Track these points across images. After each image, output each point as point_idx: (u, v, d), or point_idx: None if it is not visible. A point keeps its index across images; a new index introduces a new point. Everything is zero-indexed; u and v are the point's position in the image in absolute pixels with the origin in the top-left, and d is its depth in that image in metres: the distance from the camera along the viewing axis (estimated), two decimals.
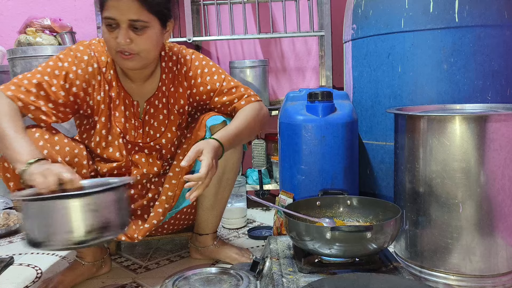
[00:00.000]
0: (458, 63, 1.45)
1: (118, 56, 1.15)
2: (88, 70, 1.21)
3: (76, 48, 1.22)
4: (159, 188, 1.34)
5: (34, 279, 1.37)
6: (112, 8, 1.09)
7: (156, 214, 1.29)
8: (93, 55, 1.22)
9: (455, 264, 1.16)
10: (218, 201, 1.38)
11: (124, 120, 1.26)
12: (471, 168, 1.12)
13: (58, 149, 1.15)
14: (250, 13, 2.23)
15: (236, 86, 1.31)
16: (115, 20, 1.10)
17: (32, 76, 1.15)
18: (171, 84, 1.29)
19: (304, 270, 1.04)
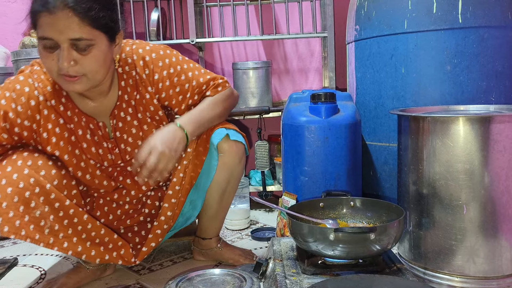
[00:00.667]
0: (461, 64, 1.44)
1: (61, 79, 1.01)
2: (30, 104, 1.07)
3: (15, 80, 1.08)
4: (156, 203, 1.31)
5: (38, 280, 1.37)
6: (48, 26, 0.94)
7: (155, 236, 1.25)
8: (36, 86, 1.08)
9: (459, 266, 1.15)
10: (222, 208, 1.37)
11: (95, 148, 1.17)
12: (475, 170, 1.11)
13: (44, 174, 1.07)
14: (253, 15, 2.23)
15: (206, 83, 1.22)
16: (53, 41, 0.95)
17: None
18: (135, 91, 1.16)
19: (307, 271, 1.04)
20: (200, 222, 1.41)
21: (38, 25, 0.96)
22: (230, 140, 1.25)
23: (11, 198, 1.01)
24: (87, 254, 1.15)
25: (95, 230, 1.18)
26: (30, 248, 1.68)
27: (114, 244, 1.22)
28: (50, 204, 1.07)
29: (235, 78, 2.04)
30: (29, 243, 1.74)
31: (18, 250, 1.66)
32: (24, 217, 1.03)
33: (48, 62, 0.99)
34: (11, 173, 1.03)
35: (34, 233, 1.05)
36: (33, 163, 1.06)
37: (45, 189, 1.06)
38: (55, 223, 1.09)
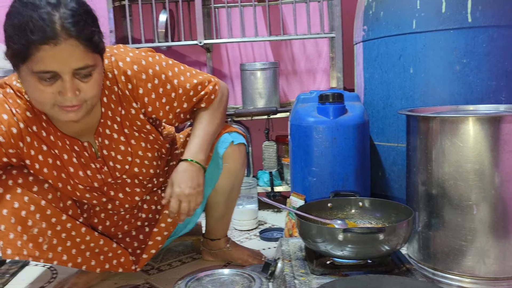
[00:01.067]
0: (471, 64, 1.43)
1: (57, 110, 0.93)
2: (12, 132, 0.99)
3: None
4: (152, 207, 1.31)
5: (49, 279, 1.39)
6: (50, 59, 0.85)
7: (155, 243, 1.25)
8: (14, 112, 0.99)
9: (469, 267, 1.15)
10: (228, 210, 1.38)
11: (83, 171, 1.12)
12: (485, 170, 1.11)
13: (37, 190, 1.06)
14: (260, 16, 2.24)
15: (193, 88, 1.14)
16: (54, 73, 0.87)
17: None
18: (119, 106, 1.08)
19: (316, 271, 1.04)
20: (207, 224, 1.41)
21: (35, 58, 0.85)
22: (234, 146, 1.25)
23: (8, 219, 1.01)
24: (87, 265, 1.16)
25: (94, 241, 1.18)
26: None
27: (114, 253, 1.22)
28: (46, 220, 1.07)
29: (243, 79, 2.05)
30: None
31: None
32: (23, 237, 1.03)
33: (44, 96, 0.90)
34: (4, 194, 1.02)
35: (34, 250, 1.05)
36: (24, 180, 1.04)
37: (40, 206, 1.06)
38: (53, 238, 1.09)
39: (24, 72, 0.89)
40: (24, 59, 0.86)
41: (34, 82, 0.89)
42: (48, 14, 0.85)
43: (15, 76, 1.02)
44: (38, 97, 0.91)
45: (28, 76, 0.89)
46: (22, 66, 0.88)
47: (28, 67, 0.87)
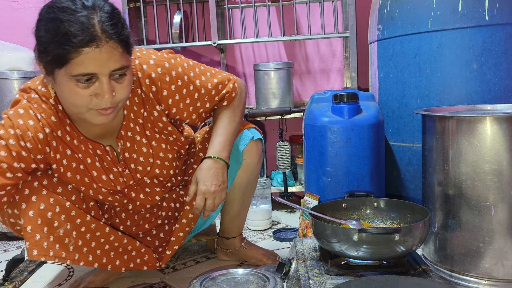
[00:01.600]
0: (488, 62, 1.41)
1: (92, 113, 0.95)
2: (38, 138, 1.00)
3: (15, 115, 0.99)
4: (171, 205, 1.32)
5: (66, 277, 1.41)
6: (90, 61, 0.87)
7: (177, 239, 1.27)
8: (39, 118, 1.00)
9: (487, 269, 1.13)
10: (243, 207, 1.39)
11: (106, 175, 1.14)
12: (503, 170, 1.09)
13: (61, 191, 1.07)
14: (274, 16, 2.24)
15: (215, 88, 1.17)
16: (92, 75, 0.89)
17: None
18: (142, 109, 1.10)
19: (331, 272, 1.04)
20: (222, 223, 1.42)
21: (75, 62, 0.86)
22: (253, 142, 1.28)
23: (35, 221, 1.02)
24: (112, 265, 1.18)
25: (118, 241, 1.19)
26: None
27: (137, 252, 1.23)
28: (71, 221, 1.08)
29: (257, 79, 2.05)
30: None
31: None
32: (49, 238, 1.04)
33: (80, 99, 0.92)
34: (30, 196, 1.03)
35: (61, 251, 1.06)
36: (48, 182, 1.05)
37: (65, 207, 1.06)
38: (78, 239, 1.10)
39: (60, 77, 0.90)
40: (63, 63, 0.87)
41: (71, 85, 0.90)
42: (87, 18, 0.86)
43: (39, 80, 1.04)
44: (74, 100, 0.92)
45: (64, 80, 0.90)
46: (59, 70, 0.89)
47: (66, 71, 0.88)
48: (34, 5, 2.34)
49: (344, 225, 1.15)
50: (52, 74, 0.92)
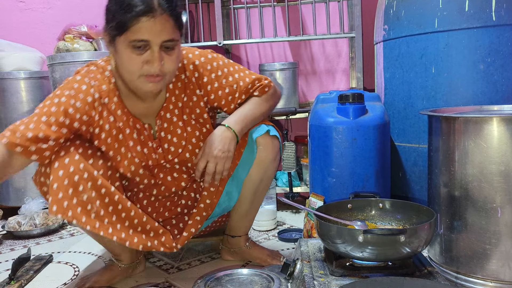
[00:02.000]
0: (495, 63, 1.40)
1: (142, 80, 1.07)
2: (87, 101, 1.12)
3: (73, 80, 1.15)
4: (191, 194, 1.35)
5: (72, 277, 1.42)
6: (146, 29, 1.01)
7: (194, 222, 1.29)
8: (92, 84, 1.13)
9: (493, 271, 1.12)
10: (253, 208, 1.39)
11: (141, 147, 1.22)
12: (510, 172, 1.08)
13: (92, 163, 1.12)
14: (279, 16, 2.24)
15: (252, 83, 1.26)
16: (146, 43, 1.03)
17: (30, 121, 1.07)
18: (182, 93, 1.23)
19: (335, 273, 1.04)
20: (230, 220, 1.43)
21: (133, 28, 1.01)
22: (268, 136, 1.27)
23: (62, 180, 1.08)
24: (130, 241, 1.18)
25: (138, 218, 1.20)
26: (64, 245, 1.73)
27: (155, 232, 1.23)
28: (97, 190, 1.11)
29: None
30: (63, 241, 1.80)
31: (53, 247, 1.72)
32: (73, 200, 1.08)
33: (133, 64, 1.05)
34: (64, 157, 1.09)
35: (81, 215, 1.09)
36: (83, 151, 1.12)
37: (93, 175, 1.11)
38: (101, 209, 1.12)
39: (119, 44, 1.05)
40: (124, 29, 1.02)
41: (128, 52, 1.04)
42: None
43: (101, 58, 1.20)
44: (129, 66, 1.06)
45: (122, 46, 1.04)
46: (120, 37, 1.04)
47: (125, 37, 1.03)
48: (41, 6, 2.36)
49: (349, 226, 1.15)
50: (113, 42, 1.07)
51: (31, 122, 1.07)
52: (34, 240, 1.83)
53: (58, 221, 1.94)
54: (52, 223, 1.91)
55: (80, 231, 1.92)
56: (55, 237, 1.86)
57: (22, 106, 2.07)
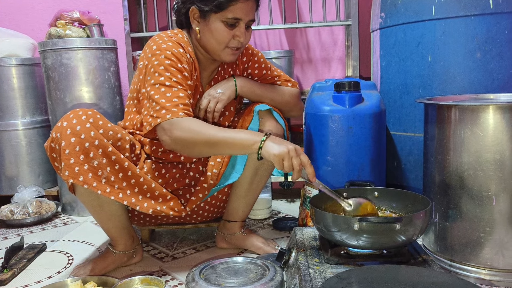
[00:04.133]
0: (492, 51, 1.39)
1: (227, 51, 1.25)
2: (189, 61, 1.26)
3: (167, 47, 1.22)
4: (199, 167, 1.39)
5: (66, 265, 1.41)
6: (240, 10, 1.19)
7: (202, 189, 1.34)
8: (183, 46, 1.25)
9: (487, 259, 1.13)
10: (252, 190, 1.40)
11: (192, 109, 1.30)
12: (505, 160, 1.08)
13: (102, 133, 1.18)
14: (275, 3, 2.21)
15: (279, 75, 1.44)
16: (237, 20, 1.20)
17: (162, 89, 1.17)
18: (229, 68, 1.40)
19: (330, 261, 1.04)
20: (229, 203, 1.44)
21: (231, 8, 1.18)
22: (272, 116, 1.35)
23: (74, 146, 1.13)
24: (141, 206, 1.23)
25: (147, 184, 1.25)
26: (57, 234, 1.72)
27: (163, 198, 1.28)
28: (107, 157, 1.17)
29: None
30: (57, 229, 1.79)
31: (47, 236, 1.71)
32: (84, 165, 1.14)
33: (225, 36, 1.22)
34: (76, 124, 1.15)
35: (92, 180, 1.15)
36: (94, 121, 1.18)
37: (103, 142, 1.17)
38: (111, 175, 1.18)
39: (214, 19, 1.21)
40: (222, 8, 1.18)
41: (221, 26, 1.21)
42: None
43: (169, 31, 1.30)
44: (221, 38, 1.22)
45: (216, 23, 1.21)
46: (216, 15, 1.20)
47: (222, 15, 1.19)
48: None
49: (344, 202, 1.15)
50: (205, 18, 1.22)
51: (173, 88, 1.18)
52: (27, 228, 1.81)
53: (51, 209, 1.92)
54: (46, 212, 1.89)
55: (74, 219, 1.91)
56: (48, 225, 1.84)
57: (14, 93, 2.04)
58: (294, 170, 1.10)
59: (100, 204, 1.24)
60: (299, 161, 1.09)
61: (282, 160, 1.09)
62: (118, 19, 2.24)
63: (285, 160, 1.08)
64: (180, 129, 1.13)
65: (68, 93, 1.87)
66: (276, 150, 1.09)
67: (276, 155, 1.09)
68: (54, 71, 1.86)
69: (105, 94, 1.91)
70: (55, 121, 1.89)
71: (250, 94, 1.37)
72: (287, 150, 1.08)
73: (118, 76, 1.99)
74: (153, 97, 1.17)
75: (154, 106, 1.16)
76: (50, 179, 2.15)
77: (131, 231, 1.35)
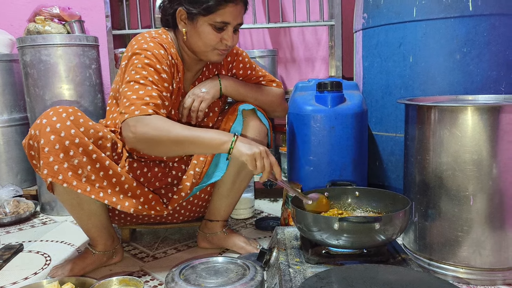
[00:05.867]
0: (471, 53, 1.42)
1: (214, 52, 1.24)
2: (171, 63, 1.24)
3: (148, 47, 1.20)
4: (182, 166, 1.38)
5: (43, 266, 1.38)
6: (229, 14, 1.19)
7: (184, 187, 1.32)
8: (166, 48, 1.24)
9: (464, 257, 1.14)
10: (235, 190, 1.39)
11: (174, 111, 1.31)
12: (483, 160, 1.10)
13: (83, 131, 1.16)
14: (259, 3, 2.21)
15: (263, 76, 1.44)
16: (225, 24, 1.20)
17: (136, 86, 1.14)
18: (214, 68, 1.39)
19: (311, 260, 1.04)
20: (211, 202, 1.43)
21: (220, 12, 1.18)
22: (256, 116, 1.34)
23: (53, 144, 1.11)
24: (122, 205, 1.21)
25: (128, 182, 1.23)
26: (35, 234, 1.69)
27: (145, 197, 1.26)
28: (88, 155, 1.15)
29: None
30: (35, 229, 1.75)
31: (24, 236, 1.67)
32: (63, 164, 1.12)
33: (212, 39, 1.21)
34: (56, 122, 1.12)
35: (72, 179, 1.13)
36: (75, 118, 1.16)
37: (84, 140, 1.15)
38: (92, 173, 1.16)
39: (202, 22, 1.20)
40: (211, 12, 1.18)
41: (209, 29, 1.21)
42: None
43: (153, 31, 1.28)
44: (208, 40, 1.22)
45: (203, 26, 1.20)
46: (204, 18, 1.19)
47: (210, 18, 1.19)
48: None
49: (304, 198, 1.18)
50: (192, 20, 1.21)
51: (150, 90, 1.15)
52: (4, 228, 1.77)
53: (29, 209, 1.88)
54: (23, 212, 1.85)
55: (53, 219, 1.87)
56: (26, 225, 1.81)
57: None
58: (265, 171, 1.12)
59: (79, 203, 1.22)
60: (269, 161, 1.13)
61: (255, 160, 1.11)
62: (100, 16, 2.21)
63: (258, 160, 1.11)
64: (145, 126, 1.10)
65: (48, 90, 1.83)
66: (248, 151, 1.11)
67: (249, 155, 1.11)
68: (33, 68, 1.82)
69: (86, 92, 1.88)
70: (34, 118, 1.85)
71: (235, 93, 1.36)
72: (258, 151, 1.11)
73: (100, 73, 1.96)
74: (126, 93, 1.15)
75: (124, 103, 1.14)
76: (28, 178, 2.10)
77: (111, 230, 1.33)
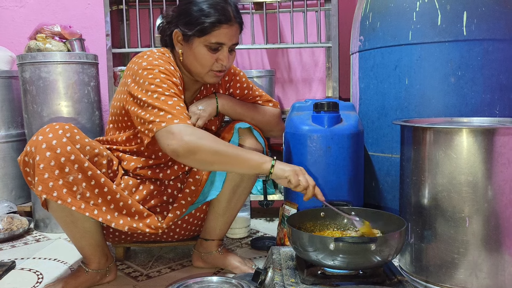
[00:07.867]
0: (465, 76, 1.44)
1: (210, 73, 1.25)
2: (180, 78, 1.25)
3: (159, 64, 1.21)
4: (178, 184, 1.37)
5: (35, 284, 1.36)
6: (223, 35, 1.20)
7: (179, 206, 1.32)
8: (173, 65, 1.25)
9: (461, 280, 1.14)
10: (230, 209, 1.39)
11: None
12: (478, 182, 1.10)
13: (79, 147, 1.16)
14: (258, 24, 2.25)
15: (260, 95, 1.45)
16: (220, 45, 1.21)
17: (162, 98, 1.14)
18: (211, 87, 1.40)
19: (306, 281, 1.03)
20: (206, 221, 1.42)
21: (215, 33, 1.19)
22: (252, 135, 1.35)
23: (49, 161, 1.11)
24: (116, 223, 1.20)
25: (123, 200, 1.23)
26: (28, 251, 1.67)
27: (140, 215, 1.26)
28: (83, 172, 1.15)
29: None
30: (28, 247, 1.73)
31: (17, 253, 1.65)
32: (58, 180, 1.12)
33: (208, 60, 1.22)
34: (52, 139, 1.13)
35: (67, 196, 1.13)
36: (71, 135, 1.16)
37: (80, 157, 1.15)
38: (87, 191, 1.16)
39: (197, 43, 1.21)
40: (205, 33, 1.19)
41: (204, 50, 1.22)
42: (225, 3, 1.22)
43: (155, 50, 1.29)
44: (204, 61, 1.23)
45: (199, 47, 1.22)
46: (198, 39, 1.21)
47: (205, 39, 1.20)
48: (13, 4, 2.29)
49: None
50: (188, 42, 1.23)
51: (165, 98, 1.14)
52: None
53: (23, 226, 1.87)
54: (17, 228, 1.83)
55: (46, 236, 1.85)
56: (19, 242, 1.78)
57: None
58: (308, 187, 1.14)
59: (73, 221, 1.21)
60: (311, 178, 1.15)
61: (297, 175, 1.13)
62: (100, 35, 2.24)
63: (300, 175, 1.14)
64: (191, 135, 1.10)
65: (46, 107, 1.84)
66: (290, 167, 1.14)
67: (291, 171, 1.13)
68: (32, 85, 1.83)
69: (84, 109, 1.89)
70: (31, 135, 1.85)
71: (231, 112, 1.37)
72: (299, 168, 1.15)
73: (98, 91, 1.98)
74: (153, 104, 1.13)
75: (156, 113, 1.12)
76: (23, 195, 2.09)
77: (105, 248, 1.32)
